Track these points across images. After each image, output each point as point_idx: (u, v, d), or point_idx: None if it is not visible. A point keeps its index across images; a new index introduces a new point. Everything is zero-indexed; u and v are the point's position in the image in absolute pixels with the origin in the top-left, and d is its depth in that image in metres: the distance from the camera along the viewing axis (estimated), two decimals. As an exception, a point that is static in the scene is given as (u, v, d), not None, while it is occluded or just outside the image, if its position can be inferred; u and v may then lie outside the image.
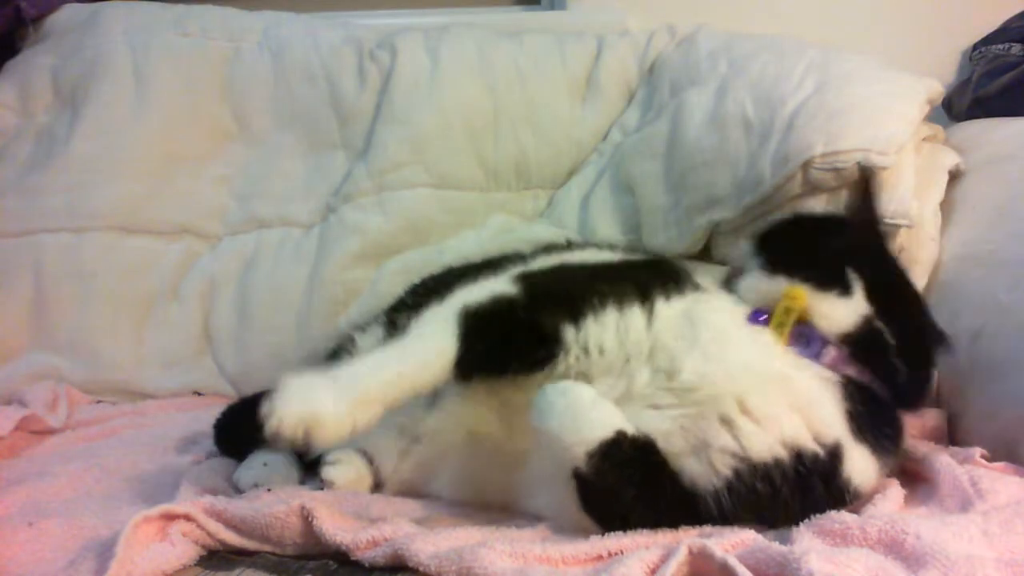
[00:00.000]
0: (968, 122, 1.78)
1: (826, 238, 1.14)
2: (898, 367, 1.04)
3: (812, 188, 1.43)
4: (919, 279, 1.41)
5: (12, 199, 1.74)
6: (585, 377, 1.04)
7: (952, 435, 1.28)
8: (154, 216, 1.78)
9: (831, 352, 1.03)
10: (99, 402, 1.67)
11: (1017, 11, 1.98)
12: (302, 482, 1.22)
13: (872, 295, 1.05)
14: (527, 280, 1.10)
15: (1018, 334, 1.22)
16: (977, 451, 1.14)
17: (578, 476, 0.94)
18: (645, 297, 1.05)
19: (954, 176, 1.52)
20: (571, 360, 1.04)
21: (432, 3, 2.21)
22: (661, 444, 0.98)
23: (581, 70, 1.85)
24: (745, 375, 0.98)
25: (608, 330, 1.04)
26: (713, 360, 1.00)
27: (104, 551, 0.92)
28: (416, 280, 1.47)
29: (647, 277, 1.09)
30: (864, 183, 1.29)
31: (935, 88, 1.54)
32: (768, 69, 1.58)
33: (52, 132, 1.79)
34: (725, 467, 0.96)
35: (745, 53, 1.67)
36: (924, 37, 2.10)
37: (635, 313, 1.04)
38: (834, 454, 0.97)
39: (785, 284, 1.05)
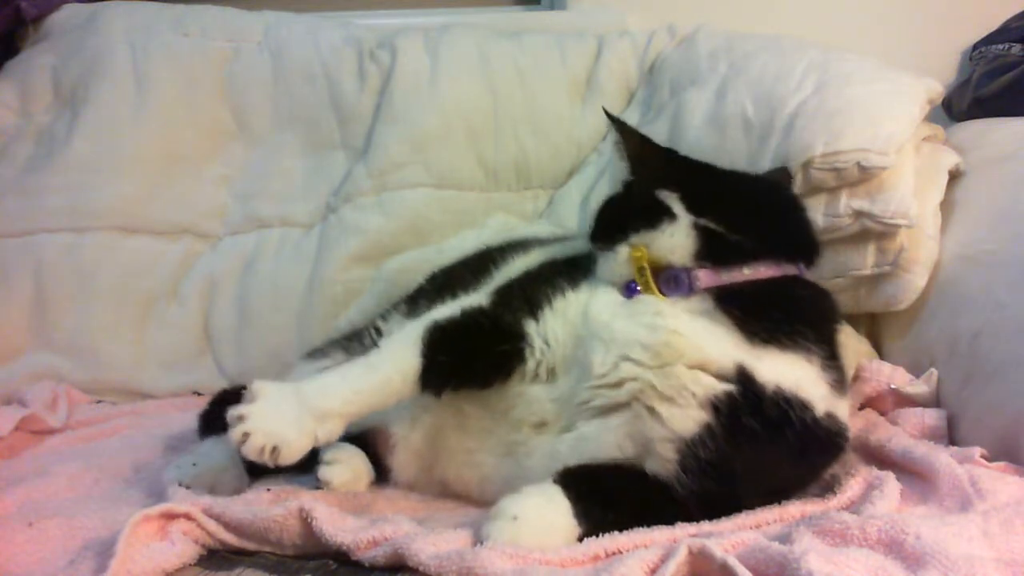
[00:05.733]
0: (968, 122, 1.78)
1: (625, 187, 1.17)
2: (740, 244, 1.06)
3: (812, 188, 1.43)
4: (919, 279, 1.41)
5: (12, 199, 1.74)
6: (552, 374, 1.09)
7: (952, 435, 1.28)
8: (154, 216, 1.78)
9: (699, 276, 1.05)
10: (99, 402, 1.67)
11: (1017, 11, 1.98)
12: (250, 482, 1.19)
13: (689, 196, 1.10)
14: (499, 291, 1.15)
15: (1018, 334, 1.22)
16: (977, 451, 1.14)
17: None
18: (575, 285, 1.12)
19: (954, 176, 1.52)
20: (537, 354, 1.09)
21: (432, 3, 2.22)
22: (618, 454, 1.02)
23: (581, 70, 1.85)
24: (641, 354, 1.02)
25: (558, 318, 1.10)
26: (611, 347, 1.04)
27: (104, 550, 0.92)
28: (433, 271, 1.50)
29: (571, 269, 1.15)
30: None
31: (935, 88, 1.53)
32: (768, 69, 1.58)
33: (52, 132, 1.80)
34: (671, 452, 0.99)
35: (745, 53, 1.67)
36: (924, 37, 2.10)
37: (570, 296, 1.11)
38: (743, 377, 0.99)
39: (623, 248, 1.10)
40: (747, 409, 0.98)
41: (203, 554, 0.99)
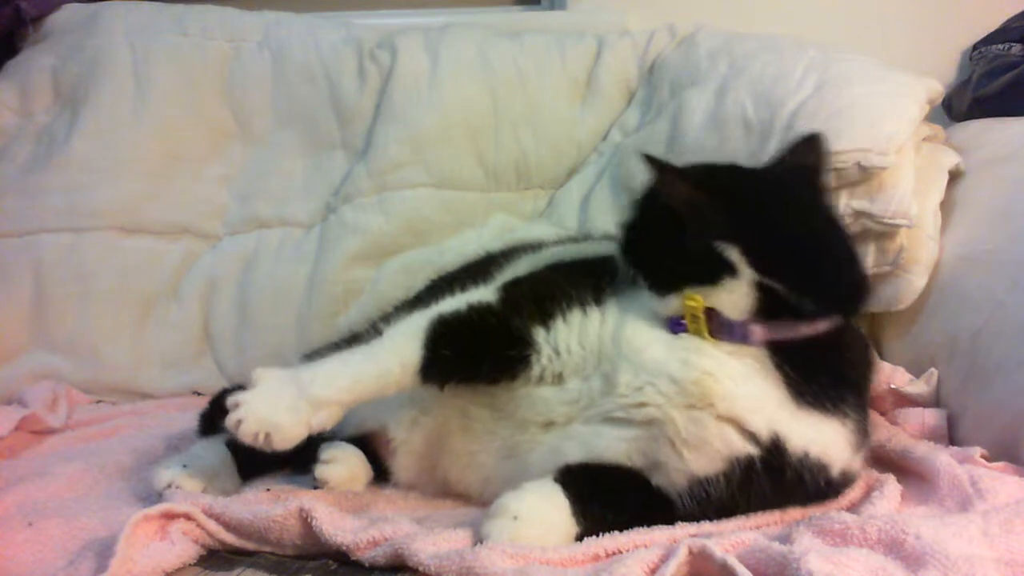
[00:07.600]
0: (968, 122, 1.78)
1: (687, 226, 1.03)
2: (802, 305, 1.00)
3: (812, 188, 1.43)
4: (919, 279, 1.41)
5: (12, 199, 1.74)
6: (559, 378, 1.08)
7: (952, 435, 1.28)
8: (154, 216, 1.78)
9: (755, 331, 1.01)
10: (99, 402, 1.67)
11: (1017, 11, 1.97)
12: (242, 484, 1.20)
13: (751, 251, 1.00)
14: (507, 287, 1.13)
15: (1018, 334, 1.22)
16: (977, 451, 1.14)
17: None
18: (599, 298, 1.09)
19: (954, 176, 1.52)
20: (544, 361, 1.08)
21: (432, 3, 2.22)
22: (625, 462, 1.03)
23: (581, 70, 1.85)
24: (668, 387, 1.00)
25: (573, 331, 1.08)
26: (639, 373, 1.02)
27: (104, 550, 0.92)
28: (434, 277, 1.49)
29: (598, 275, 1.11)
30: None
31: (935, 88, 1.53)
32: (768, 69, 1.58)
33: (52, 132, 1.79)
34: (682, 480, 1.00)
35: (745, 53, 1.67)
36: (924, 37, 2.10)
37: (593, 314, 1.08)
38: (773, 448, 0.98)
39: (677, 297, 1.03)
40: (767, 474, 0.98)
41: (203, 554, 0.99)
